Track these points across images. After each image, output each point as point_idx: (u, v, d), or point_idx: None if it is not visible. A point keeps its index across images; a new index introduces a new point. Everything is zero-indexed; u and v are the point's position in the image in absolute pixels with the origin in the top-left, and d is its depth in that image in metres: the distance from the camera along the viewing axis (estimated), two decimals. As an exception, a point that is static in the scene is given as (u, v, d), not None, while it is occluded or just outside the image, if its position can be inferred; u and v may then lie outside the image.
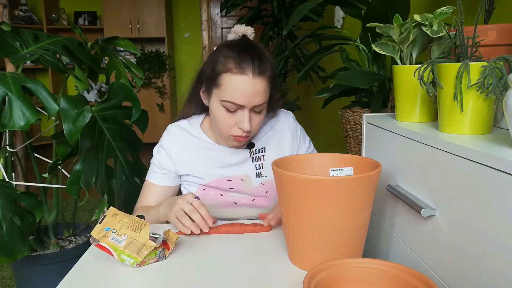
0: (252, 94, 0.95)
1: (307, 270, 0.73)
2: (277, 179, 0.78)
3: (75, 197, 1.39)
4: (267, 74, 0.97)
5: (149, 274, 0.80)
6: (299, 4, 2.46)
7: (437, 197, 0.72)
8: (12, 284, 1.95)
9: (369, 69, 1.66)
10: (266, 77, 0.97)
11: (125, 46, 1.70)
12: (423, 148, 0.75)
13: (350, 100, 1.79)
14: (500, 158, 0.55)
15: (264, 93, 0.97)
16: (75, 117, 1.24)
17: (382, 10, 1.38)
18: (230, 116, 0.98)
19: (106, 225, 0.84)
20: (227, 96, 0.96)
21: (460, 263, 0.65)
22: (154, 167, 1.11)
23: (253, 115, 0.99)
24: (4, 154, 1.52)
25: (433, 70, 0.74)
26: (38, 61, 1.39)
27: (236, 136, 1.00)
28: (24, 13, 4.66)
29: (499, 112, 0.80)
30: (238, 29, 1.03)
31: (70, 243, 1.73)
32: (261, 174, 1.10)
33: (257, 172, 1.11)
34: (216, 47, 1.05)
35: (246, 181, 1.10)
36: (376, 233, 0.99)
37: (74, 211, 1.79)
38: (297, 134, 1.17)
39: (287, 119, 1.17)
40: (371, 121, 1.01)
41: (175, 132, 1.11)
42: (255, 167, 1.11)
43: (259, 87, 0.96)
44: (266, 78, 0.97)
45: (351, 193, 0.72)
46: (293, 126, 1.16)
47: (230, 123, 0.99)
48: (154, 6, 4.63)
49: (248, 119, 0.97)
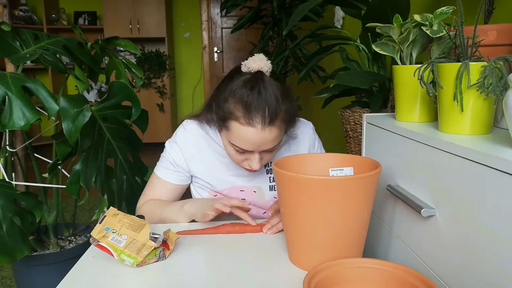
0: (261, 143, 0.92)
1: (307, 270, 0.73)
2: (277, 179, 0.78)
3: (75, 197, 1.39)
4: (278, 122, 0.92)
5: (149, 274, 0.80)
6: (299, 4, 2.46)
7: (437, 197, 0.72)
8: (12, 284, 1.95)
9: (369, 69, 1.66)
10: (277, 125, 0.92)
11: (125, 46, 1.70)
12: (423, 148, 0.75)
13: (350, 100, 1.79)
14: (500, 158, 0.55)
15: (276, 139, 0.94)
16: (74, 116, 1.24)
17: (382, 10, 1.38)
18: (240, 154, 0.97)
19: (106, 225, 0.84)
20: (236, 142, 0.94)
21: (460, 263, 0.65)
22: (167, 163, 1.08)
23: (265, 154, 0.97)
24: (4, 154, 1.52)
25: (433, 70, 0.74)
26: (38, 61, 1.39)
27: (246, 168, 1.00)
28: (24, 13, 4.66)
29: (499, 112, 0.80)
30: (251, 65, 0.94)
31: (70, 243, 1.73)
32: (274, 187, 1.08)
33: (271, 185, 1.08)
34: (229, 78, 0.98)
35: (258, 193, 1.08)
36: (376, 233, 0.99)
37: (74, 211, 1.79)
38: (315, 146, 1.14)
39: (306, 130, 1.13)
40: (371, 121, 1.01)
41: (191, 129, 1.07)
42: (269, 179, 1.09)
43: (269, 137, 0.91)
44: (277, 126, 0.92)
45: (351, 193, 0.72)
46: (311, 138, 1.13)
47: (240, 159, 0.98)
48: (154, 6, 4.63)
49: (258, 159, 0.96)
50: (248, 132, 0.90)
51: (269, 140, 0.92)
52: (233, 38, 5.09)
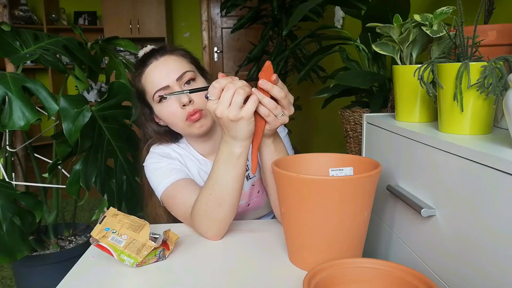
0: (167, 71, 0.99)
1: (307, 270, 0.73)
2: (277, 179, 0.78)
3: (75, 197, 1.39)
4: (175, 53, 1.02)
5: (149, 274, 0.80)
6: (299, 4, 2.46)
7: (437, 197, 0.72)
8: (12, 284, 1.95)
9: (369, 69, 1.66)
10: (175, 55, 1.02)
11: (125, 46, 1.71)
12: (423, 148, 0.75)
13: (350, 100, 1.79)
14: (500, 158, 0.55)
15: (181, 66, 1.01)
16: (74, 116, 1.24)
17: (382, 10, 1.38)
18: (170, 105, 1.00)
19: (106, 225, 0.84)
20: (152, 88, 1.00)
21: (460, 263, 0.65)
22: (167, 170, 1.00)
23: (188, 87, 1.00)
24: (4, 154, 1.52)
25: (433, 70, 0.74)
26: (38, 61, 1.39)
27: (188, 118, 0.98)
28: (24, 13, 4.66)
29: (499, 112, 0.80)
30: (142, 51, 1.08)
31: (70, 243, 1.73)
32: (249, 175, 1.08)
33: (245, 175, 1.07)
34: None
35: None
36: (376, 233, 0.99)
37: (74, 211, 1.79)
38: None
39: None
40: (371, 121, 1.01)
41: (163, 148, 1.07)
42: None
43: (170, 63, 1.00)
44: (176, 55, 1.02)
45: (351, 193, 0.72)
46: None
47: (175, 109, 0.99)
48: (154, 6, 4.63)
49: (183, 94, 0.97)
50: (149, 68, 1.01)
51: (171, 65, 1.00)
52: (233, 38, 5.09)
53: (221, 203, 0.85)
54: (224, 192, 0.84)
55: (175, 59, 1.02)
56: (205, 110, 1.00)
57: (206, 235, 0.91)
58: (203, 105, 1.00)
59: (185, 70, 1.01)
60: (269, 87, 0.76)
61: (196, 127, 1.01)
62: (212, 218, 0.88)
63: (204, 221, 0.89)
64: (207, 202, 0.86)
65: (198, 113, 0.99)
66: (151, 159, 1.05)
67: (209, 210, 0.86)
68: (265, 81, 0.76)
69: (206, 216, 0.88)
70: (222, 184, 0.84)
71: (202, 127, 1.01)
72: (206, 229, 0.90)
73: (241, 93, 0.74)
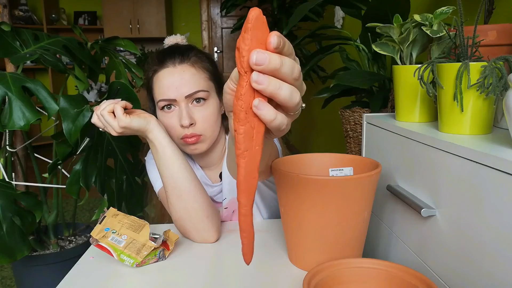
0: (179, 83, 0.93)
1: (307, 270, 0.73)
2: (277, 179, 0.78)
3: (75, 197, 1.39)
4: (192, 62, 0.96)
5: (149, 274, 0.80)
6: (299, 4, 2.46)
7: (437, 197, 0.72)
8: (12, 284, 1.95)
9: (369, 69, 1.66)
10: (192, 65, 0.95)
11: (125, 46, 1.71)
12: (423, 148, 0.75)
13: (350, 100, 1.79)
14: (500, 158, 0.55)
15: (194, 81, 0.94)
16: (74, 116, 1.24)
17: (382, 10, 1.38)
18: (171, 117, 0.95)
19: (106, 226, 0.84)
20: (159, 95, 0.95)
21: (460, 263, 0.65)
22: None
23: (195, 109, 0.95)
24: (4, 154, 1.52)
25: (433, 70, 0.74)
26: (38, 61, 1.39)
27: (184, 138, 0.96)
28: (24, 13, 4.66)
29: (499, 112, 0.80)
30: (168, 40, 1.06)
31: (70, 243, 1.73)
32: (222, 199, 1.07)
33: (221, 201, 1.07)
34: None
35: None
36: (376, 233, 0.99)
37: (74, 211, 1.79)
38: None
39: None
40: (371, 121, 1.01)
41: None
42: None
43: (186, 76, 0.94)
44: (192, 66, 0.95)
45: (351, 193, 0.72)
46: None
47: (174, 124, 0.96)
48: (154, 6, 4.63)
49: (187, 113, 0.94)
50: (164, 72, 0.95)
51: (186, 79, 0.94)
52: (233, 38, 5.09)
53: (179, 195, 0.90)
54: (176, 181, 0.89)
55: (194, 73, 0.95)
56: (204, 135, 0.97)
57: (197, 238, 0.93)
58: (204, 130, 0.97)
59: (198, 89, 0.95)
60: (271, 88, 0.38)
61: (190, 148, 0.98)
62: (182, 216, 0.91)
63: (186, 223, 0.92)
64: (171, 202, 0.91)
65: (195, 138, 0.96)
66: (151, 154, 1.05)
67: (172, 208, 0.91)
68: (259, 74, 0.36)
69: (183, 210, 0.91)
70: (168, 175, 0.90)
71: (195, 150, 0.99)
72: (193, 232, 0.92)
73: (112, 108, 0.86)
